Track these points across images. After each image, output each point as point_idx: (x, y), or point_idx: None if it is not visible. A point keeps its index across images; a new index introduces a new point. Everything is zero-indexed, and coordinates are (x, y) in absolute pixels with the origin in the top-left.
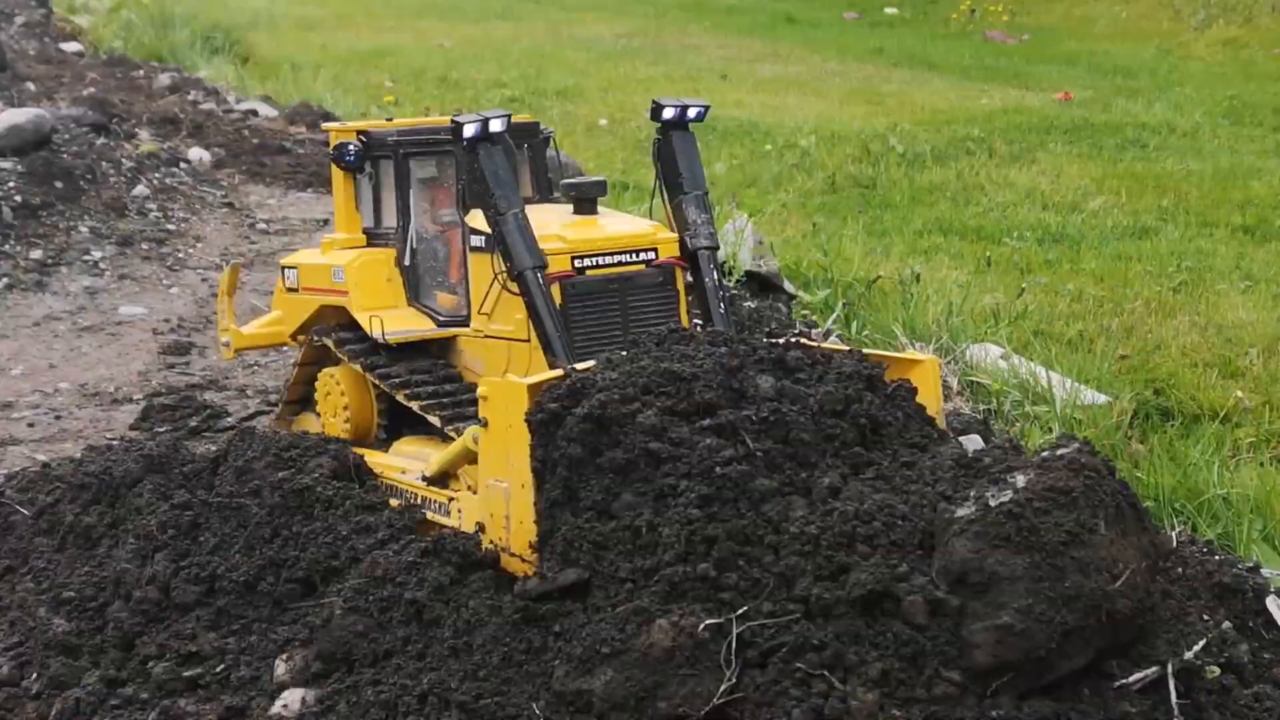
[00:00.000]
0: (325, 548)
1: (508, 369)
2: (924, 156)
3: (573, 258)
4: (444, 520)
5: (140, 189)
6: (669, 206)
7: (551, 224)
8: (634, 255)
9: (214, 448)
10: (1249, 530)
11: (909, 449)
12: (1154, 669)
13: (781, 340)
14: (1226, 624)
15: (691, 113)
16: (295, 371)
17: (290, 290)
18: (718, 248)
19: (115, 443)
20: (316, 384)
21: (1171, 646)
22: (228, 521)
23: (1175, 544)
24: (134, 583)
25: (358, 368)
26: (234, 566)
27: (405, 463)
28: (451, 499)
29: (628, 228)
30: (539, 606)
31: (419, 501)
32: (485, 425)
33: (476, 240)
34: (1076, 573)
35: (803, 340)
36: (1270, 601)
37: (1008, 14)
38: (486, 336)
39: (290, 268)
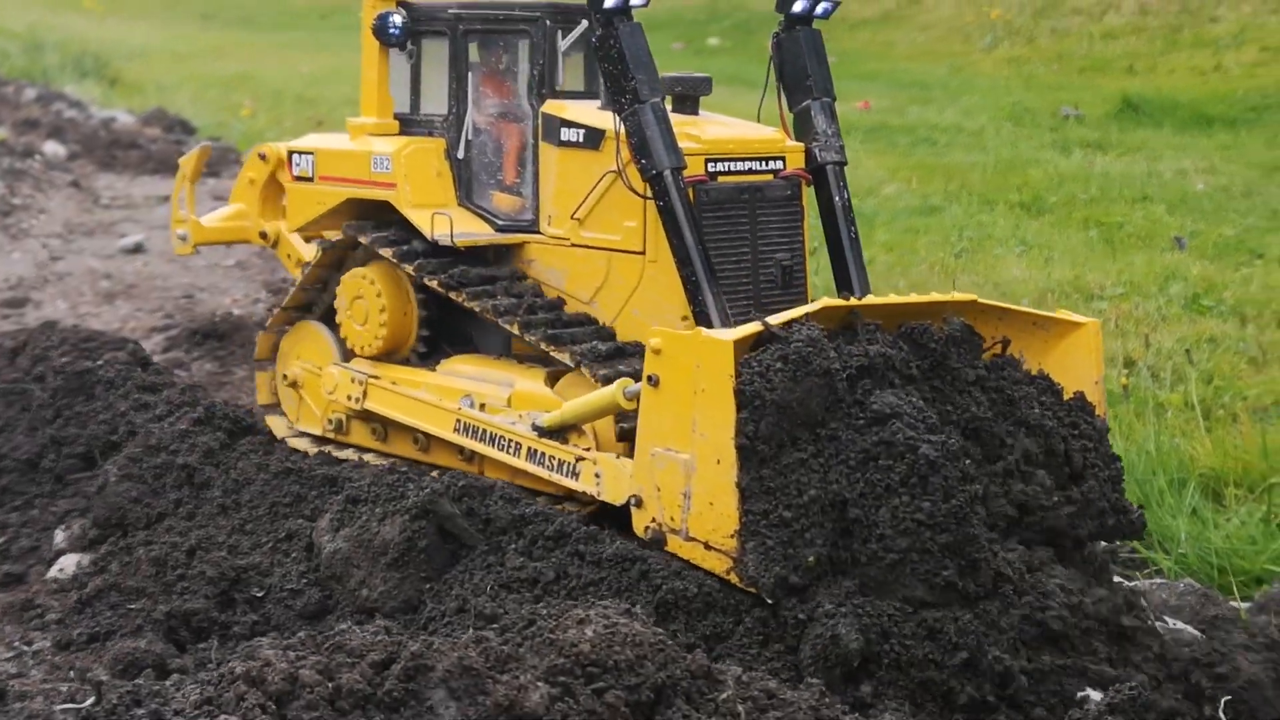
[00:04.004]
0: (105, 425)
1: (604, 284)
2: None
3: (706, 160)
4: (566, 482)
5: None
6: (790, 113)
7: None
8: (763, 163)
9: (10, 342)
10: None
11: None
12: None
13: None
14: None
15: (820, 7)
16: (309, 272)
17: (301, 179)
18: (846, 163)
19: None
20: (340, 287)
21: None
22: (12, 405)
23: None
24: None
25: (414, 274)
26: (17, 446)
27: (467, 385)
28: (580, 459)
29: (754, 131)
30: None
31: (516, 450)
32: (656, 384)
33: (570, 134)
34: None
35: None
36: None
37: None
38: (575, 245)
39: (304, 152)
